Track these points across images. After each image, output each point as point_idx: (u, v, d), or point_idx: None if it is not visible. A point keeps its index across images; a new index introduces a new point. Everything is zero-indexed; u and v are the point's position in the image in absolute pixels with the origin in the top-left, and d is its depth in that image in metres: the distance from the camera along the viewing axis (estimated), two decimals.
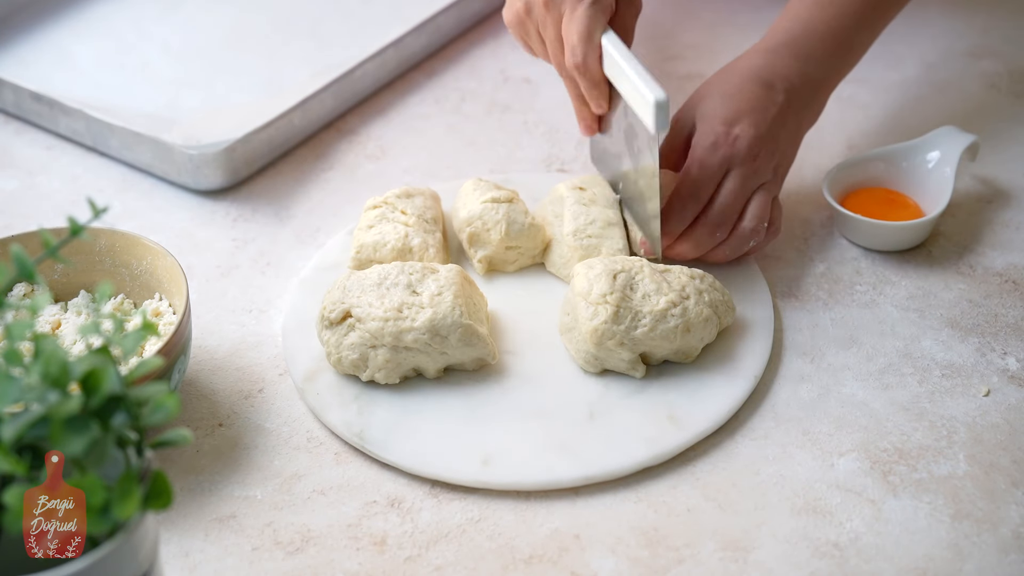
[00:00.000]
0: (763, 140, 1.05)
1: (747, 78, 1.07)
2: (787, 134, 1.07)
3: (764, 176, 1.05)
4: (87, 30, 1.38)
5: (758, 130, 1.05)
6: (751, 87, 1.07)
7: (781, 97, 1.06)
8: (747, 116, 1.05)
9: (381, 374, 0.97)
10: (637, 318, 0.97)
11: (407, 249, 1.06)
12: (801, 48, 1.09)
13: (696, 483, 0.93)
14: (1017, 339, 1.03)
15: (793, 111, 1.07)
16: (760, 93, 1.06)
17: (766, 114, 1.06)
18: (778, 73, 1.07)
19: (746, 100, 1.06)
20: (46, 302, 0.70)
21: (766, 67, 1.08)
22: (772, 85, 1.07)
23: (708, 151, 1.05)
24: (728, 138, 1.04)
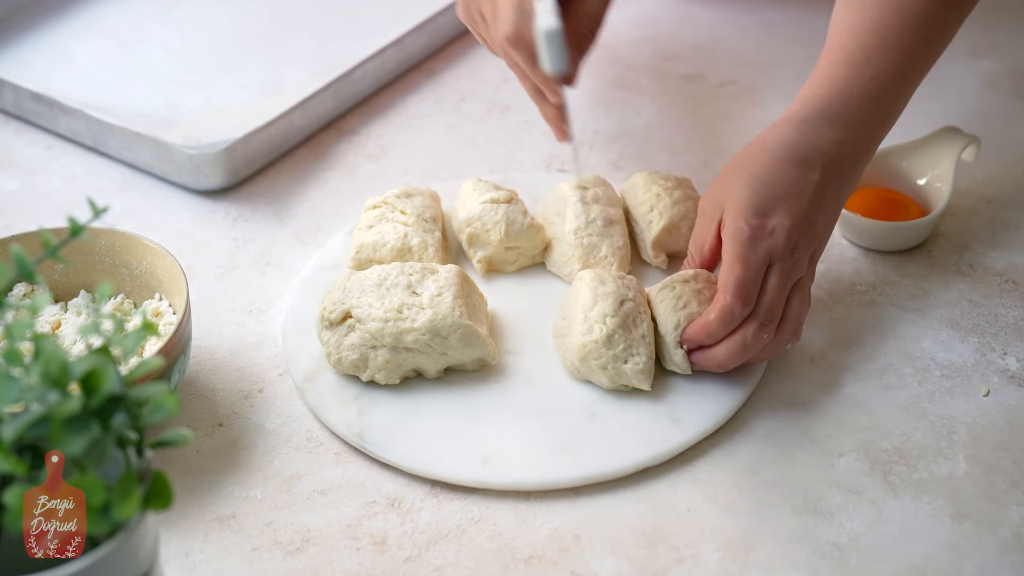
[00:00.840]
0: (800, 229, 0.96)
1: (779, 157, 0.98)
2: (824, 217, 0.98)
3: (802, 268, 0.97)
4: (87, 30, 1.38)
5: (794, 219, 0.96)
6: (783, 167, 0.97)
7: (817, 175, 0.97)
8: (782, 204, 0.96)
9: (381, 375, 0.97)
10: (630, 350, 0.96)
11: (406, 249, 1.06)
12: (837, 116, 0.99)
13: (696, 483, 0.93)
14: (1017, 339, 1.03)
15: (832, 189, 0.98)
16: (794, 174, 0.97)
17: (802, 199, 0.96)
18: (814, 147, 0.98)
19: (779, 184, 0.96)
20: (46, 302, 0.70)
21: (800, 142, 0.98)
22: (808, 162, 0.97)
23: (747, 247, 0.95)
24: (764, 231, 0.95)
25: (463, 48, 1.41)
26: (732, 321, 0.95)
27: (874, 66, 0.99)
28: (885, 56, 0.99)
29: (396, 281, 0.99)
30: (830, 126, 0.99)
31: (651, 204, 1.09)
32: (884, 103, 1.00)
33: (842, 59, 1.01)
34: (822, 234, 0.98)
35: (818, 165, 0.97)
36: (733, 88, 1.34)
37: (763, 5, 1.44)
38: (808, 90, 1.01)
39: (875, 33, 1.00)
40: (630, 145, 1.27)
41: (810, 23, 1.44)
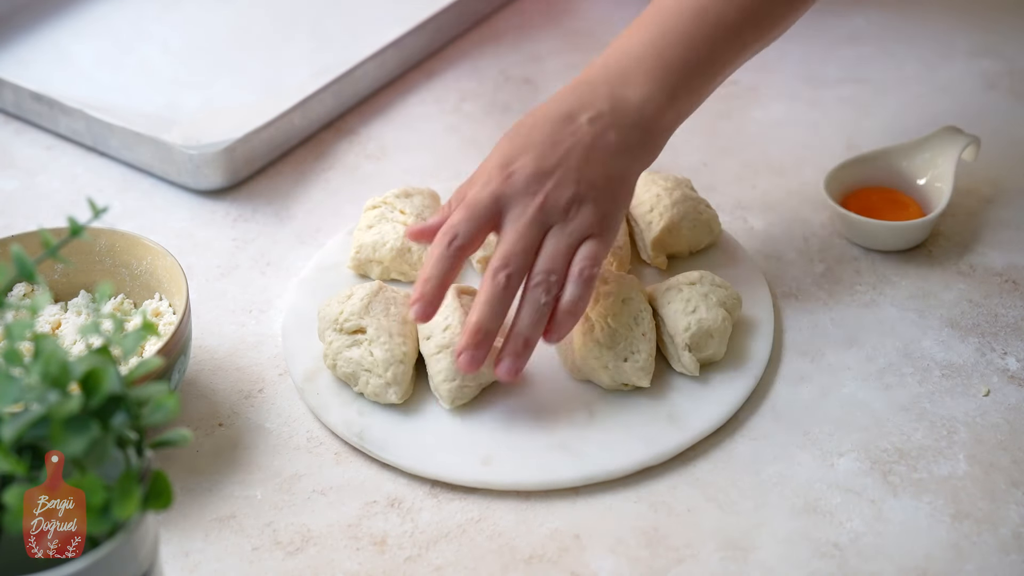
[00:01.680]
0: (548, 173, 0.91)
1: (543, 117, 0.94)
2: (597, 166, 0.92)
3: (556, 215, 0.91)
4: (87, 30, 1.38)
5: (541, 163, 0.91)
6: (546, 123, 0.93)
7: (583, 124, 0.93)
8: (529, 152, 0.92)
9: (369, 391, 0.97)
10: (630, 348, 0.96)
11: (406, 249, 1.06)
12: (613, 75, 0.95)
13: (696, 483, 0.92)
14: (1017, 339, 1.03)
15: (604, 141, 0.93)
16: (555, 128, 0.93)
17: (557, 147, 0.92)
18: (583, 102, 0.94)
19: (535, 137, 0.93)
20: (46, 302, 0.70)
21: (570, 99, 0.94)
22: (572, 116, 0.93)
23: (477, 189, 0.92)
24: (502, 173, 0.92)
25: (463, 48, 1.41)
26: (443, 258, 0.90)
27: (660, 24, 0.96)
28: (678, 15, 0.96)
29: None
30: (605, 84, 0.95)
31: (651, 204, 1.09)
32: (672, 63, 0.95)
33: (633, 25, 0.98)
34: (600, 186, 0.92)
35: (584, 118, 0.93)
36: (733, 88, 1.34)
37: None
38: (595, 61, 0.98)
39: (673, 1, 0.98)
40: None
41: (810, 23, 1.44)
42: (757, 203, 1.18)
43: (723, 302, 1.00)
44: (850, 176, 1.16)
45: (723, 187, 1.20)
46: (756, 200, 1.19)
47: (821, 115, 1.30)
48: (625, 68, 0.95)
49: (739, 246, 1.11)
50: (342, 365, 0.97)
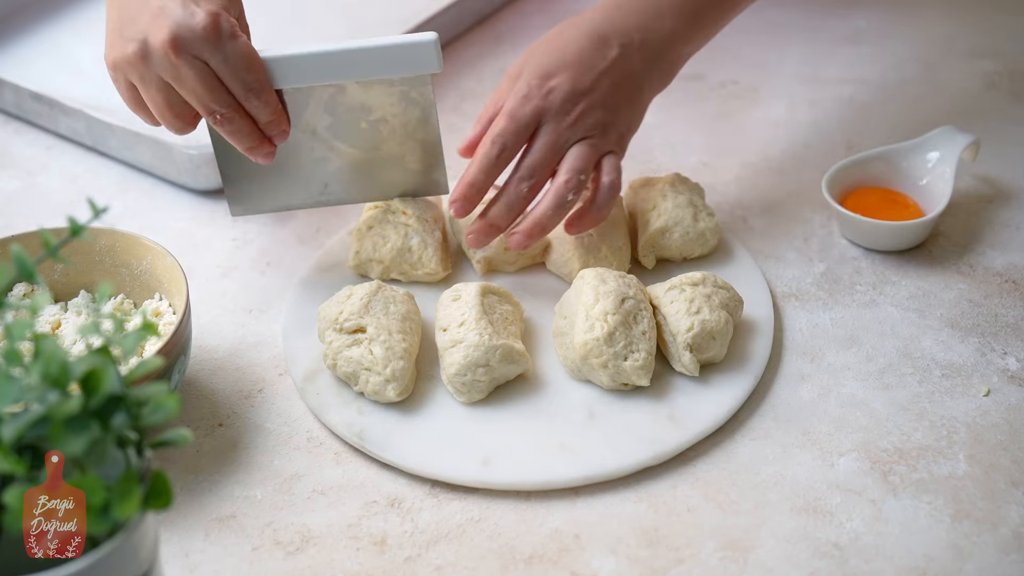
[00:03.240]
0: (583, 95, 1.00)
1: (579, 32, 1.02)
2: (623, 93, 1.01)
3: (583, 131, 1.00)
4: (87, 30, 1.38)
5: (577, 84, 0.99)
6: (580, 41, 1.01)
7: (615, 52, 1.01)
8: (568, 69, 1.00)
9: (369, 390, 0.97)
10: (630, 347, 0.96)
11: (406, 248, 1.06)
12: (646, 3, 1.03)
13: (696, 483, 0.93)
14: (1017, 339, 1.03)
15: (631, 69, 1.02)
16: (588, 47, 1.01)
17: (592, 70, 1.00)
18: (616, 27, 1.02)
19: (571, 53, 1.01)
20: (46, 302, 0.70)
21: (603, 21, 1.02)
22: (606, 39, 1.01)
23: (519, 103, 1.00)
24: (541, 90, 1.00)
25: (463, 48, 1.41)
26: (490, 166, 1.00)
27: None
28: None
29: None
30: (636, 12, 1.02)
31: (653, 203, 1.09)
32: (692, 7, 1.04)
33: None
34: (620, 107, 1.01)
35: (616, 44, 1.01)
36: (733, 88, 1.34)
37: (763, 5, 1.44)
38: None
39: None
40: (630, 145, 1.27)
41: (810, 23, 1.44)
42: (757, 203, 1.18)
43: (725, 304, 1.00)
44: (850, 176, 1.16)
45: (723, 187, 1.20)
46: (756, 200, 1.19)
47: (821, 115, 1.30)
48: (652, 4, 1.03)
49: (739, 246, 1.11)
50: (342, 365, 0.97)
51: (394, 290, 1.01)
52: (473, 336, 0.96)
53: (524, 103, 1.00)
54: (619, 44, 1.01)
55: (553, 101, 0.99)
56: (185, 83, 0.94)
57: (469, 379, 0.96)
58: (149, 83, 0.96)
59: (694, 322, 0.97)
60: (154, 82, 0.96)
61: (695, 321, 0.97)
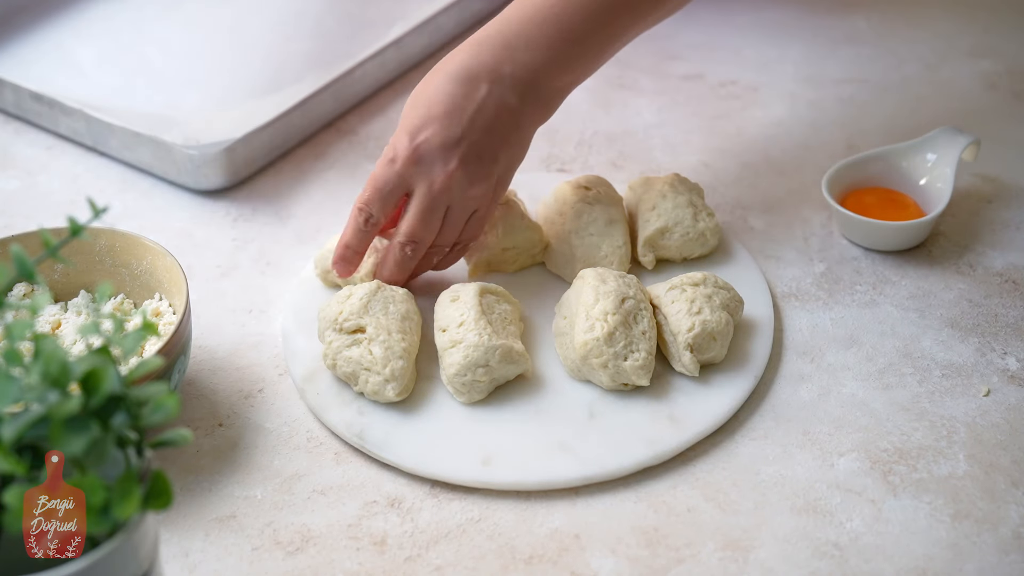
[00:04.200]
0: (454, 147, 0.96)
1: (446, 76, 0.97)
2: (497, 133, 0.97)
3: (457, 193, 0.97)
4: (87, 30, 1.38)
5: (447, 136, 0.95)
6: (447, 86, 0.96)
7: (484, 90, 0.96)
8: (435, 121, 0.95)
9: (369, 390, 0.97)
10: (630, 347, 0.96)
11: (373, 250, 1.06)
12: (513, 36, 0.97)
13: (696, 483, 0.93)
14: (1017, 339, 1.03)
15: (505, 103, 0.97)
16: (456, 91, 0.96)
17: (462, 114, 0.95)
18: (484, 65, 0.96)
19: (438, 103, 0.96)
20: (46, 302, 0.70)
21: (469, 59, 0.97)
22: (474, 78, 0.96)
23: (384, 169, 0.97)
24: (407, 150, 0.96)
25: None
26: (360, 233, 1.00)
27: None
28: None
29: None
30: (505, 46, 0.97)
31: (653, 203, 1.09)
32: (570, 29, 0.98)
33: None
34: (501, 153, 0.98)
35: (485, 80, 0.96)
36: (733, 88, 1.34)
37: (763, 5, 1.44)
38: (492, 20, 1.00)
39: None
40: (630, 145, 1.27)
41: (810, 23, 1.44)
42: (757, 203, 1.18)
43: (726, 304, 1.00)
44: (850, 176, 1.16)
45: (723, 187, 1.20)
46: (756, 200, 1.19)
47: (821, 115, 1.30)
48: (525, 31, 0.98)
49: (739, 246, 1.11)
50: (342, 365, 0.97)
51: (394, 290, 1.01)
52: (472, 336, 0.96)
53: (389, 168, 0.97)
54: (488, 81, 0.96)
55: (422, 158, 0.96)
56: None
57: (469, 379, 0.96)
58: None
59: (695, 322, 0.97)
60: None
61: (696, 321, 0.97)
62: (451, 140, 0.96)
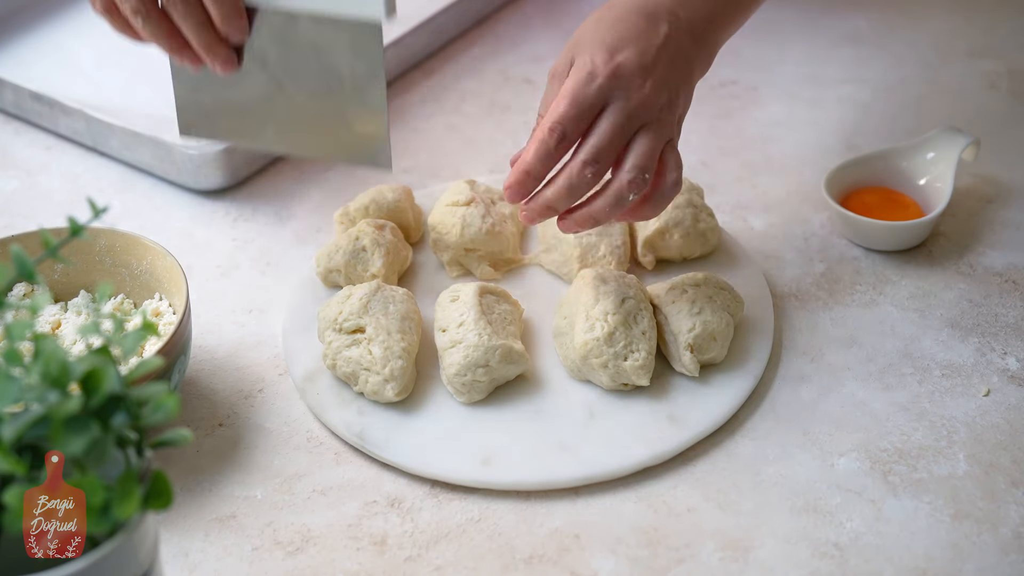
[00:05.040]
0: (649, 71, 0.93)
1: (627, 11, 0.96)
2: (679, 72, 0.96)
3: (650, 113, 0.93)
4: (87, 30, 1.38)
5: (644, 59, 0.93)
6: (633, 17, 0.95)
7: (665, 28, 0.95)
8: (633, 44, 0.93)
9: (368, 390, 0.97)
10: (630, 347, 0.96)
11: (360, 249, 1.05)
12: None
13: (696, 483, 0.93)
14: (1017, 339, 1.03)
15: (682, 47, 0.96)
16: (642, 23, 0.95)
17: (651, 45, 0.94)
18: (662, 4, 0.96)
19: (630, 28, 0.94)
20: (46, 302, 0.70)
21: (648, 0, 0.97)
22: (655, 15, 0.95)
23: (582, 83, 0.92)
24: (608, 66, 0.92)
25: (463, 48, 1.41)
26: (548, 156, 0.92)
27: None
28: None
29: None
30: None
31: None
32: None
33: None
34: (678, 88, 0.95)
35: (664, 20, 0.95)
36: (733, 88, 1.34)
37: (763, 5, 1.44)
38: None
39: None
40: None
41: (810, 23, 1.44)
42: (757, 203, 1.18)
43: (727, 305, 1.00)
44: (850, 176, 1.16)
45: (723, 187, 1.20)
46: (756, 200, 1.19)
47: (821, 115, 1.30)
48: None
49: (739, 246, 1.11)
50: (342, 365, 0.97)
51: (394, 290, 1.01)
52: (472, 336, 0.96)
53: (589, 82, 0.92)
54: (667, 21, 0.95)
55: (621, 77, 0.92)
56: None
57: (469, 379, 0.96)
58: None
59: (696, 323, 0.97)
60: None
61: (697, 322, 0.97)
62: (647, 63, 0.93)
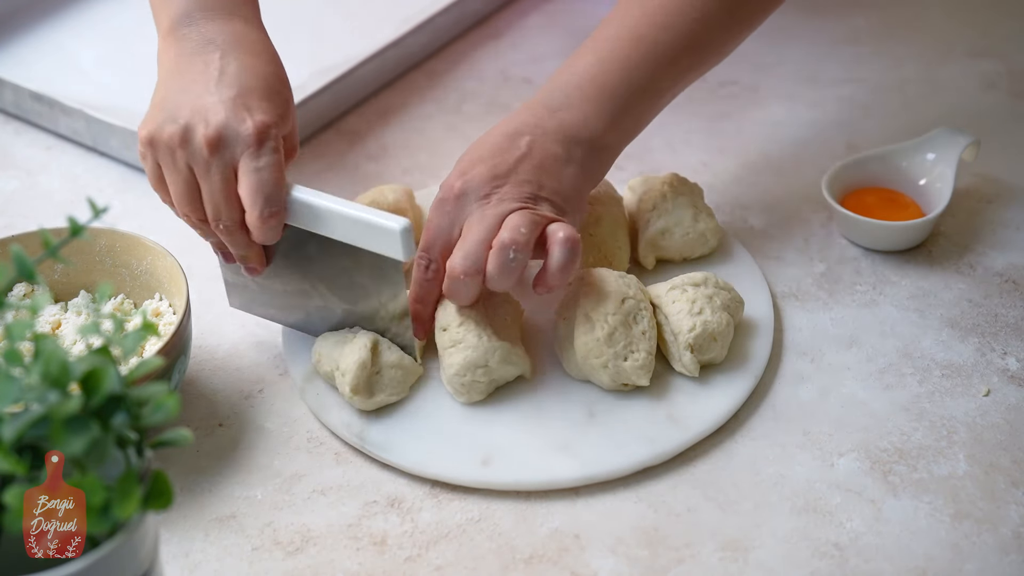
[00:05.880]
0: (503, 177, 0.96)
1: (491, 135, 0.99)
2: (546, 171, 0.97)
3: (512, 203, 0.95)
4: (87, 30, 1.38)
5: (496, 169, 0.96)
6: (495, 138, 0.98)
7: (526, 141, 0.98)
8: (483, 161, 0.97)
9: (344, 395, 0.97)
10: (630, 347, 0.96)
11: None
12: (554, 99, 1.00)
13: (696, 483, 0.93)
14: (1017, 339, 1.03)
15: (549, 151, 0.98)
16: (503, 142, 0.98)
17: (507, 157, 0.97)
18: (526, 122, 0.99)
19: (487, 147, 0.98)
20: (46, 302, 0.70)
21: (512, 123, 0.99)
22: (518, 133, 0.98)
23: (436, 208, 0.97)
24: (457, 185, 0.96)
25: (463, 48, 1.41)
26: (425, 283, 0.97)
27: (597, 52, 1.01)
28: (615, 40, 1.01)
29: None
30: (546, 108, 1.00)
31: (654, 203, 1.09)
32: (608, 83, 1.00)
33: (573, 55, 1.03)
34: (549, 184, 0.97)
35: (527, 135, 0.98)
36: (733, 88, 1.34)
37: None
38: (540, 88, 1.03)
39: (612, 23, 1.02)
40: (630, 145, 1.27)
41: (810, 23, 1.44)
42: (757, 203, 1.18)
43: (727, 305, 1.00)
44: (850, 176, 1.16)
45: (723, 187, 1.20)
46: (756, 200, 1.19)
47: (821, 115, 1.30)
48: (565, 94, 1.00)
49: (739, 246, 1.11)
50: (324, 363, 0.97)
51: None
52: (472, 337, 0.96)
53: (441, 206, 0.97)
54: (530, 134, 0.98)
55: (469, 192, 0.95)
56: (210, 183, 0.92)
57: (468, 380, 0.96)
58: (177, 170, 0.93)
59: (696, 323, 0.97)
60: (182, 171, 0.93)
61: (697, 322, 0.97)
62: (500, 172, 0.96)
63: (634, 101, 1.01)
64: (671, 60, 1.01)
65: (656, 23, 1.01)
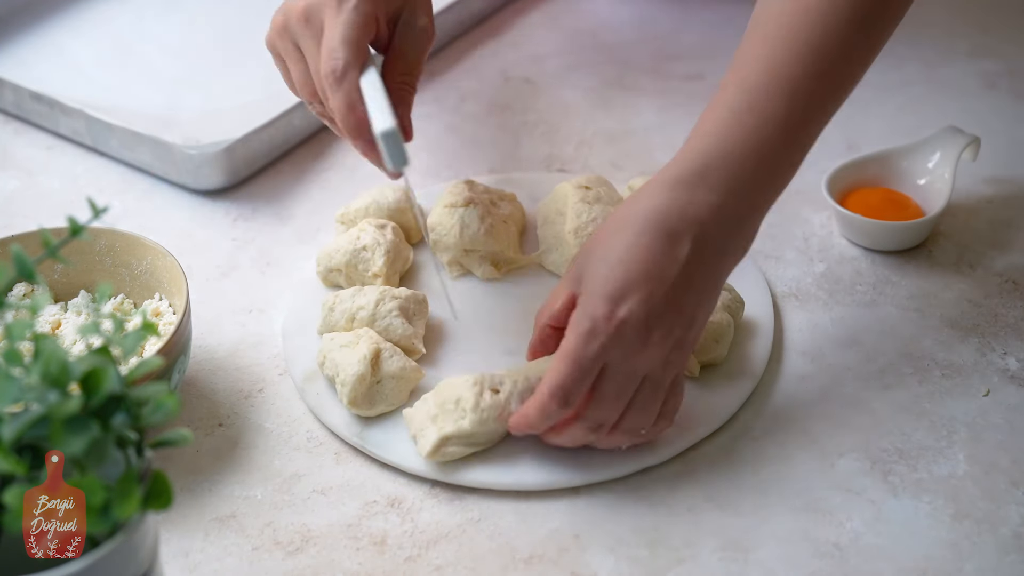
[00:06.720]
0: (658, 318, 0.85)
1: (644, 228, 0.85)
2: (700, 293, 0.87)
3: (655, 362, 0.86)
4: (87, 30, 1.38)
5: (651, 307, 0.84)
6: (647, 241, 0.85)
7: (687, 249, 0.85)
8: (638, 289, 0.84)
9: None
10: None
11: (360, 248, 1.05)
12: (715, 176, 0.86)
13: (696, 483, 0.92)
14: (1017, 339, 1.03)
15: (706, 264, 0.86)
16: (658, 249, 0.85)
17: (663, 280, 0.85)
18: (685, 216, 0.85)
19: (639, 263, 0.84)
20: (46, 302, 0.70)
21: (670, 209, 0.86)
22: (676, 234, 0.85)
23: (584, 341, 0.84)
24: (610, 323, 0.84)
25: (463, 48, 1.41)
26: (549, 418, 0.87)
27: (757, 113, 0.87)
28: (771, 99, 0.87)
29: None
30: (708, 189, 0.86)
31: None
32: (771, 157, 0.88)
33: (722, 106, 0.88)
34: (694, 314, 0.87)
35: (688, 237, 0.85)
36: None
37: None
38: (687, 144, 0.88)
39: (760, 72, 0.87)
40: (630, 145, 1.27)
41: None
42: None
43: (727, 305, 1.00)
44: (850, 176, 1.16)
45: None
46: None
47: None
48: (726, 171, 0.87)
49: None
50: (327, 367, 0.97)
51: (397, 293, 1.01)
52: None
53: (589, 342, 0.84)
54: (691, 237, 0.85)
55: (624, 336, 0.84)
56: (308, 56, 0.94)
57: (448, 453, 0.92)
58: (288, 55, 0.97)
59: None
60: (291, 54, 0.97)
61: None
62: (656, 310, 0.84)
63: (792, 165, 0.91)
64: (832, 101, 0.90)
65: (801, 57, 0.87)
